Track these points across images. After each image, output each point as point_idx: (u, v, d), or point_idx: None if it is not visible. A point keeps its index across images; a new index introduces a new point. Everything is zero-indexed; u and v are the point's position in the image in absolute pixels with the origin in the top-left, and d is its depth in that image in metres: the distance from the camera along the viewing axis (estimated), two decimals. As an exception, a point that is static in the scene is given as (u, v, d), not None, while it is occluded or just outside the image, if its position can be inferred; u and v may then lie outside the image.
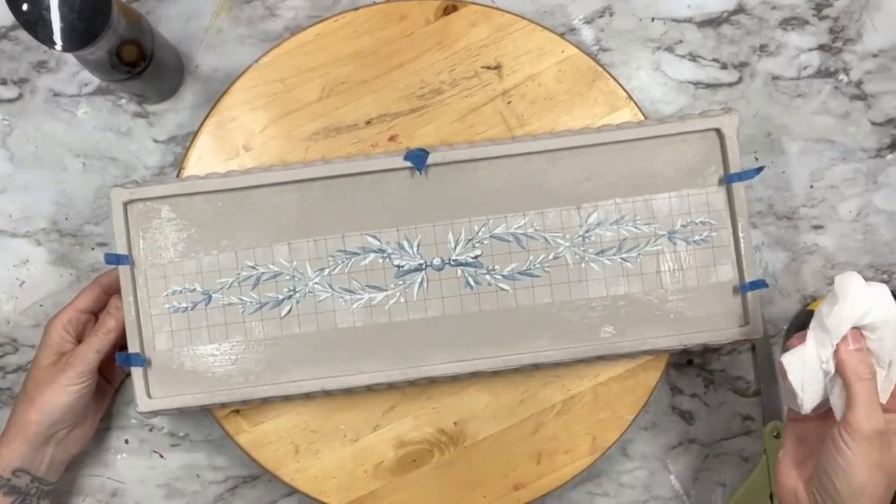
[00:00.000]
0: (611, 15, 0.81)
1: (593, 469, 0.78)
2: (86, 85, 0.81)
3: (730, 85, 0.82)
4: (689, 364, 0.82)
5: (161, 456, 0.81)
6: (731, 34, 0.81)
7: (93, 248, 0.80)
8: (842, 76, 0.81)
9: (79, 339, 0.73)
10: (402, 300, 0.73)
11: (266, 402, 0.74)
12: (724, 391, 0.81)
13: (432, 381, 0.74)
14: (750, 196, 0.80)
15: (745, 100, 0.82)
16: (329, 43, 0.77)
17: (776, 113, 0.82)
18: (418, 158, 0.72)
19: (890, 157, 0.81)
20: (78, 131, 0.80)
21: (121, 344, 0.73)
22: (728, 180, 0.73)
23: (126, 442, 0.81)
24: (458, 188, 0.73)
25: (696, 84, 0.82)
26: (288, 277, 0.73)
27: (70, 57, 0.76)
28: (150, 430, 0.81)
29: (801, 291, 0.82)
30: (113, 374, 0.79)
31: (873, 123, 0.82)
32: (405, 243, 0.73)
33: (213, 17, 0.80)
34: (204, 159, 0.76)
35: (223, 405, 0.74)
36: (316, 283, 0.72)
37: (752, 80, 0.82)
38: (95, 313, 0.75)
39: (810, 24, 0.81)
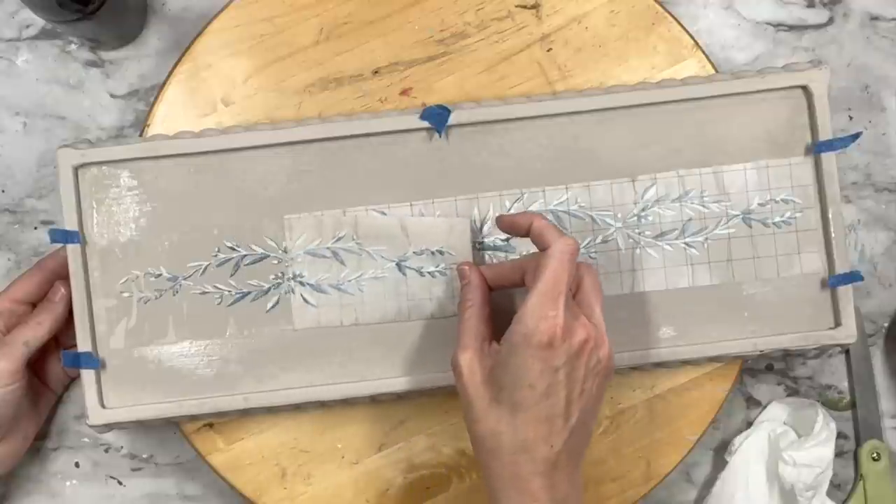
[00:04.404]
0: (674, -60, 0.79)
1: (648, 499, 0.74)
2: (27, 27, 0.77)
3: (818, 27, 0.79)
4: (767, 370, 0.79)
5: (120, 483, 0.77)
6: (820, -37, 0.80)
7: (35, 228, 0.77)
8: (957, 16, 0.79)
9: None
10: (416, 292, 0.72)
11: (246, 414, 0.71)
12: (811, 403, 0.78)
13: (452, 392, 0.68)
14: (843, 164, 0.77)
15: (837, 45, 0.78)
16: (328, -27, 0.76)
17: (875, 61, 0.78)
18: (438, 117, 0.69)
19: None
20: (17, 84, 0.77)
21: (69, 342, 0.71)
22: (817, 150, 0.70)
23: (77, 465, 0.77)
24: (485, 155, 0.70)
25: (777, 26, 0.79)
26: (275, 262, 0.70)
27: (7, -9, 0.75)
28: (107, 450, 0.77)
29: (906, 279, 0.80)
30: (55, 379, 0.75)
31: None
32: (420, 221, 0.72)
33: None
34: (173, 117, 0.74)
35: (193, 417, 0.71)
36: (309, 269, 0.71)
37: (846, 20, 0.79)
38: (36, 304, 0.71)
39: (918, -50, 0.79)
